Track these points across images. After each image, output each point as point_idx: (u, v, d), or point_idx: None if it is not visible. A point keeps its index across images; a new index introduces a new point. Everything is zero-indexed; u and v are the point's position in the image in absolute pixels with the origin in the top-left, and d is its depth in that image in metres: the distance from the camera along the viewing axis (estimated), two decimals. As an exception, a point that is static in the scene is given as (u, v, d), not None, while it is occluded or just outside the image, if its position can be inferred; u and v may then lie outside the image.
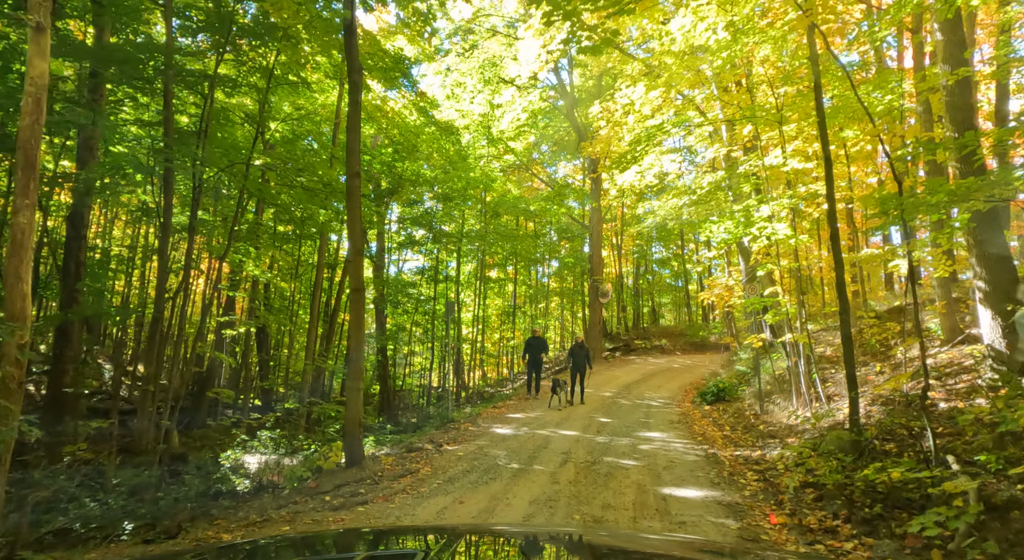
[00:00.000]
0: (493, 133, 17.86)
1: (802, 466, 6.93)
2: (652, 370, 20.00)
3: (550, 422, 11.26)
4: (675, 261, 30.70)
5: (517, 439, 9.64)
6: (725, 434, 9.91)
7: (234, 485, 9.64)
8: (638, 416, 11.91)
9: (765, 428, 9.74)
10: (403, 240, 22.79)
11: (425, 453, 8.66)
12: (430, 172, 17.98)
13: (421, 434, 10.71)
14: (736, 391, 13.34)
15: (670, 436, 9.83)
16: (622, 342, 26.83)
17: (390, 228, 26.50)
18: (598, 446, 8.91)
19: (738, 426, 10.45)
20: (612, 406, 13.23)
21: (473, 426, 11.10)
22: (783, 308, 9.11)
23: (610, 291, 22.49)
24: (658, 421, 11.34)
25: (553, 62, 13.63)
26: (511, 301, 26.88)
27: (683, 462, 7.80)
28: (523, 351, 13.98)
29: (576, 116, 21.72)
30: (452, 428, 10.96)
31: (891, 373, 9.65)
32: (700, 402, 13.55)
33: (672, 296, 33.32)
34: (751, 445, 8.74)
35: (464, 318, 28.05)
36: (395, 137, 15.72)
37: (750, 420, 10.69)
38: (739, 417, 11.20)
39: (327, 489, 6.96)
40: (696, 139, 10.92)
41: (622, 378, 18.01)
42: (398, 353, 26.42)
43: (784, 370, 12.35)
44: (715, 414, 12.14)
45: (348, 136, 7.29)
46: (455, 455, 8.49)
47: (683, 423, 11.10)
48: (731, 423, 10.85)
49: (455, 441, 9.69)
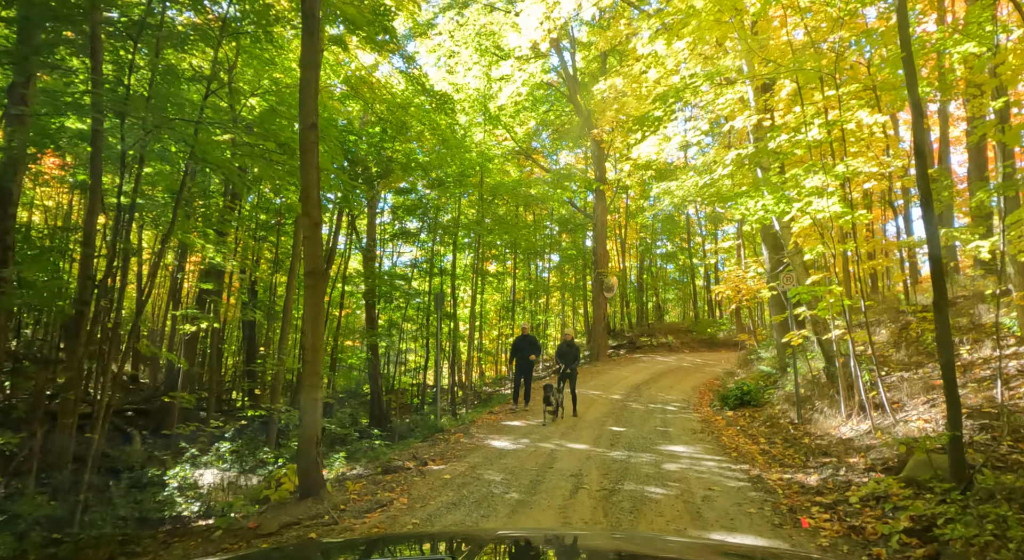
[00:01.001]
0: (490, 110, 16.11)
1: (886, 500, 5.26)
2: (661, 369, 18.33)
3: (554, 432, 9.57)
4: (681, 255, 28.98)
5: (516, 455, 7.95)
6: (763, 448, 8.23)
7: (179, 509, 7.97)
8: (654, 424, 10.24)
9: (811, 442, 8.05)
10: (396, 231, 21.10)
11: (404, 475, 6.97)
12: (423, 157, 16.27)
13: (404, 446, 9.02)
14: (762, 395, 11.66)
15: (697, 450, 8.16)
16: (627, 339, 25.16)
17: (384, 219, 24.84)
18: (615, 466, 7.23)
19: (775, 438, 8.77)
20: (623, 411, 11.56)
21: (465, 437, 9.41)
22: (836, 299, 7.41)
23: (615, 285, 20.81)
24: (679, 430, 9.67)
25: (556, 30, 11.89)
26: (510, 296, 25.17)
27: (724, 490, 6.12)
28: (510, 353, 11.59)
29: (579, 101, 20.00)
30: (440, 440, 9.28)
31: (962, 377, 7.97)
32: (721, 406, 11.88)
33: (677, 292, 31.61)
34: (801, 465, 7.06)
35: (461, 314, 26.36)
36: (383, 114, 14.01)
37: (788, 430, 9.00)
38: (774, 427, 9.51)
39: (270, 530, 5.27)
40: (724, 106, 9.18)
41: (630, 378, 16.34)
42: (392, 350, 24.79)
43: (819, 372, 10.66)
44: (742, 421, 10.47)
45: (303, 75, 5.61)
46: (440, 478, 6.80)
47: (708, 433, 9.42)
48: (765, 434, 9.17)
49: (442, 457, 8.00)
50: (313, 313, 5.77)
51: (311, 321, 5.77)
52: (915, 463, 5.68)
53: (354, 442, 9.88)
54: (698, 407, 12.22)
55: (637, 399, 13.11)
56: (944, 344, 5.23)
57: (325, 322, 19.26)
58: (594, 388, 14.75)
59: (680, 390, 14.44)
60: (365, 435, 11.54)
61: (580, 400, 12.95)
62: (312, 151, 5.67)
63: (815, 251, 7.79)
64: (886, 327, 11.66)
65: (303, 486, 5.76)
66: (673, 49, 8.19)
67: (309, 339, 5.79)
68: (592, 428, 9.85)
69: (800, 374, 11.38)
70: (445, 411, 21.67)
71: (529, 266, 27.69)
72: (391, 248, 26.05)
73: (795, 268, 10.14)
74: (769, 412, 10.46)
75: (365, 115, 15.38)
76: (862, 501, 5.41)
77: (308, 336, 5.79)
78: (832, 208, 7.48)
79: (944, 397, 7.38)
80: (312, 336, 5.77)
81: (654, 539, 2.68)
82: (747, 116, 9.49)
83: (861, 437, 7.37)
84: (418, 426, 10.21)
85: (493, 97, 16.03)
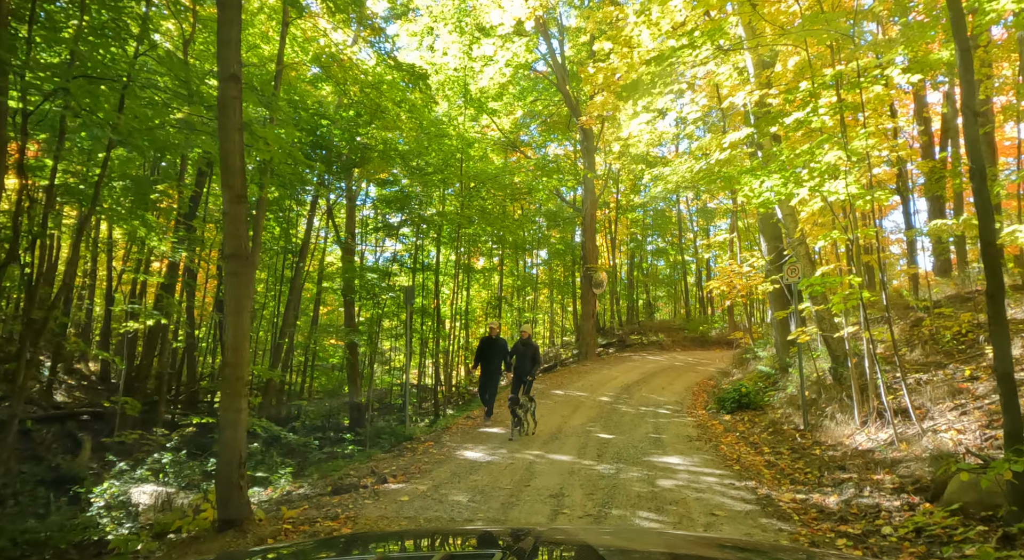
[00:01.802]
0: (471, 92, 15.00)
1: (930, 534, 4.25)
2: (652, 369, 17.33)
3: (534, 441, 8.52)
4: (672, 250, 28.01)
5: (489, 470, 6.90)
6: (768, 460, 7.22)
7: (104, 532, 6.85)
8: (646, 429, 9.22)
9: (823, 453, 7.06)
10: (377, 224, 19.97)
11: (355, 497, 5.89)
12: (402, 146, 15.15)
13: (365, 458, 7.92)
14: (762, 397, 10.68)
15: (695, 462, 7.14)
16: (616, 337, 24.17)
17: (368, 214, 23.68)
18: (602, 483, 6.19)
19: (781, 447, 7.77)
20: (612, 415, 10.54)
21: (436, 446, 8.34)
22: (854, 292, 6.41)
23: (604, 281, 19.80)
24: (672, 437, 8.65)
25: (542, 7, 10.82)
26: (496, 293, 24.11)
27: (730, 515, 5.09)
28: (475, 358, 9.65)
29: (568, 91, 18.95)
30: (408, 450, 8.19)
31: (990, 381, 7.01)
32: (718, 409, 10.89)
33: (668, 289, 30.67)
34: (815, 482, 6.05)
35: (446, 312, 25.25)
36: (355, 96, 12.87)
37: (794, 438, 8.01)
38: (777, 433, 8.52)
39: (173, 575, 4.18)
40: (724, 77, 8.16)
41: (620, 378, 15.32)
42: (375, 349, 23.64)
43: (825, 373, 9.70)
44: (741, 427, 9.47)
45: (220, 15, 4.50)
46: (397, 501, 5.73)
47: (705, 440, 8.41)
48: (769, 442, 8.17)
49: (405, 472, 6.92)
50: (236, 305, 4.68)
51: (233, 314, 4.69)
52: (959, 486, 4.68)
53: (313, 451, 8.81)
54: (692, 410, 11.23)
55: (627, 401, 12.10)
56: (1001, 345, 4.22)
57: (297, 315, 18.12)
58: (581, 389, 13.74)
59: (673, 391, 13.45)
60: (330, 442, 10.43)
61: (565, 403, 11.94)
62: (233, 108, 4.58)
63: (827, 237, 6.77)
64: (895, 324, 10.70)
65: (222, 516, 4.67)
66: (668, 7, 7.15)
67: (231, 336, 4.70)
68: (577, 435, 8.81)
69: (804, 375, 10.41)
70: (427, 413, 20.65)
71: (517, 262, 26.63)
72: (373, 243, 24.95)
73: (799, 259, 9.15)
74: (771, 417, 9.46)
75: (340, 100, 14.24)
76: (899, 534, 4.40)
77: (230, 333, 4.70)
78: (848, 189, 6.49)
79: (975, 404, 6.40)
80: (234, 333, 4.68)
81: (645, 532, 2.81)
82: (748, 92, 8.49)
83: (882, 449, 6.37)
84: (386, 432, 9.11)
85: (474, 76, 14.89)
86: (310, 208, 15.27)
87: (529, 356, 9.16)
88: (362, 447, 10.10)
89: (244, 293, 4.77)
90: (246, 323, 4.79)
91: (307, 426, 16.89)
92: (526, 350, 9.23)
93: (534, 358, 9.13)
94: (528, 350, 9.21)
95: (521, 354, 9.23)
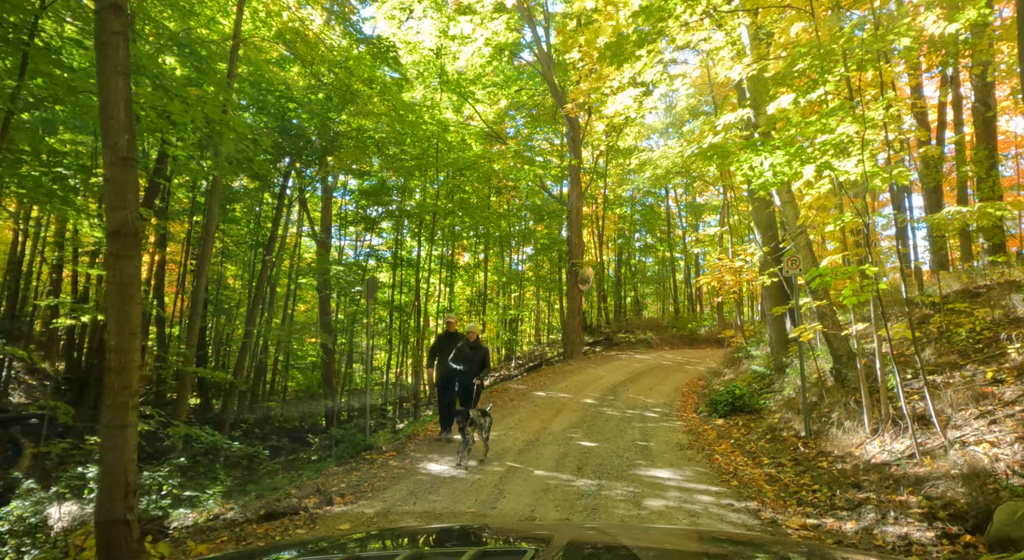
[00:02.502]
0: (448, 72, 13.99)
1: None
2: (639, 368, 16.45)
3: (509, 450, 7.59)
4: (660, 247, 27.17)
5: (452, 487, 5.94)
6: (769, 473, 6.34)
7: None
8: (633, 436, 8.32)
9: (830, 465, 6.18)
10: (354, 217, 18.96)
11: (288, 524, 4.92)
12: (378, 133, 14.14)
13: (314, 472, 6.92)
14: (757, 399, 9.82)
15: (687, 476, 6.24)
16: (603, 335, 23.31)
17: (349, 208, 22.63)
18: (580, 504, 5.27)
19: (782, 457, 6.89)
20: (596, 419, 9.62)
21: (397, 457, 7.37)
22: (869, 284, 5.53)
23: (591, 277, 18.90)
24: (661, 445, 7.76)
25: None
26: (480, 289, 23.16)
27: (731, 549, 4.16)
28: (430, 356, 7.95)
29: (555, 80, 18.00)
30: (365, 462, 7.21)
31: (1016, 381, 6.17)
32: (709, 413, 10.02)
33: (657, 286, 29.84)
34: (827, 503, 5.16)
35: (428, 308, 24.24)
36: (324, 76, 11.86)
37: (796, 447, 7.13)
38: (776, 441, 7.64)
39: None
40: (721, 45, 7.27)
41: (606, 378, 14.42)
42: (356, 348, 22.62)
43: (825, 373, 8.84)
44: (735, 432, 8.59)
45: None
46: (336, 528, 4.77)
47: (697, 449, 7.52)
48: (768, 451, 7.29)
49: (356, 490, 5.95)
50: (120, 295, 3.71)
51: (117, 306, 3.71)
52: (1009, 516, 3.80)
53: (263, 462, 7.80)
54: (682, 413, 10.35)
55: (613, 403, 11.20)
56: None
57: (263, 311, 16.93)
58: (565, 390, 12.82)
59: (661, 392, 12.58)
60: (287, 451, 9.42)
61: (547, 406, 11.00)
62: (115, 47, 3.61)
63: (838, 221, 5.87)
64: (896, 322, 9.88)
65: (104, 557, 3.68)
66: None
67: (114, 334, 3.71)
68: (557, 443, 7.89)
69: (799, 376, 9.56)
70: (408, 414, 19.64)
71: (503, 259, 25.67)
72: (354, 237, 23.91)
73: (799, 250, 8.29)
74: (768, 422, 8.59)
75: (309, 82, 13.21)
76: (943, 578, 3.51)
77: (113, 330, 3.72)
78: (863, 166, 5.60)
79: (1005, 411, 5.54)
80: (119, 331, 3.71)
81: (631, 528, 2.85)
82: (745, 66, 7.59)
83: (901, 463, 5.50)
84: (345, 441, 8.11)
85: (451, 55, 13.87)
86: (279, 198, 14.22)
87: (478, 360, 7.61)
88: (327, 456, 9.11)
89: (130, 280, 3.78)
90: (134, 318, 3.80)
91: (282, 429, 15.86)
92: (474, 354, 7.61)
93: (484, 363, 7.59)
94: (477, 354, 7.62)
95: (468, 359, 7.59)
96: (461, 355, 7.53)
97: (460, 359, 7.52)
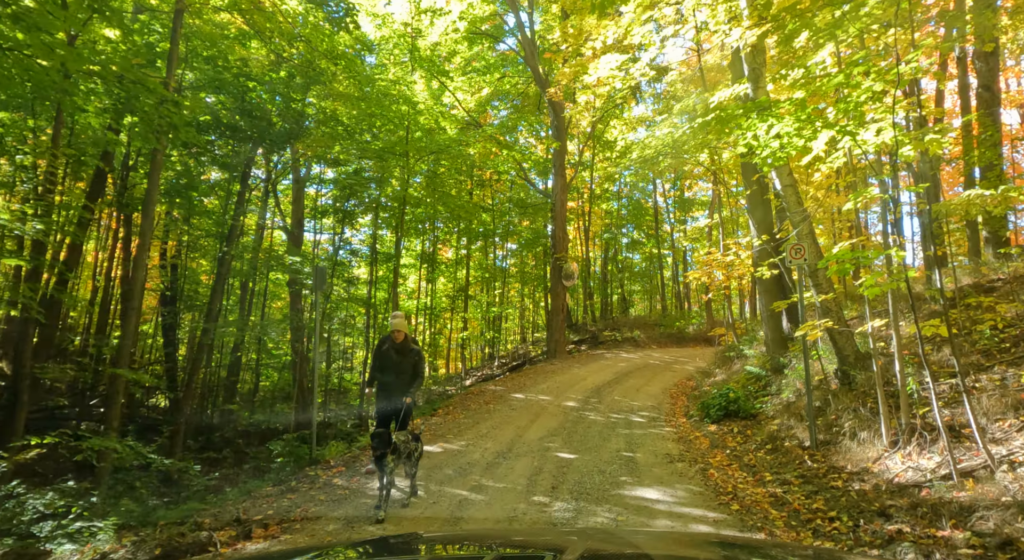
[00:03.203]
0: (420, 47, 12.89)
1: None
2: (626, 368, 15.51)
3: (477, 463, 6.58)
4: (648, 243, 26.26)
5: (403, 513, 4.91)
6: (773, 492, 5.39)
7: None
8: (617, 445, 7.36)
9: (845, 485, 5.24)
10: (328, 208, 17.82)
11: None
12: (345, 115, 13.05)
13: (240, 494, 5.85)
14: (753, 403, 8.90)
15: (679, 498, 5.27)
16: (589, 334, 22.36)
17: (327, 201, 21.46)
18: (550, 539, 4.26)
19: (787, 473, 5.95)
20: (577, 425, 8.65)
21: (345, 474, 6.34)
22: (897, 272, 4.59)
23: (575, 272, 17.94)
24: (649, 456, 6.80)
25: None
26: (463, 285, 22.13)
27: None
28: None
29: (539, 69, 17.00)
30: (307, 479, 6.16)
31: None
32: (701, 418, 9.10)
33: (644, 284, 28.95)
34: (849, 535, 4.21)
35: (408, 306, 23.18)
36: (284, 52, 10.76)
37: (802, 460, 6.20)
38: (778, 452, 6.71)
39: None
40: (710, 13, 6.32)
41: (590, 379, 13.47)
42: (335, 346, 21.48)
43: (830, 375, 7.92)
44: (731, 441, 7.66)
45: None
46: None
47: (689, 461, 6.57)
48: (770, 465, 6.35)
49: (284, 518, 4.91)
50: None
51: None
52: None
53: (195, 478, 6.69)
54: (671, 417, 9.42)
55: (596, 406, 10.24)
56: None
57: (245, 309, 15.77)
58: (546, 392, 11.85)
59: (648, 394, 11.65)
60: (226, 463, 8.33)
61: (524, 410, 9.98)
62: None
63: (860, 197, 4.93)
64: (903, 318, 9.01)
65: None
66: None
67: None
68: (532, 454, 6.90)
69: (799, 378, 8.66)
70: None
71: (487, 254, 24.63)
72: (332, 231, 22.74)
73: (802, 238, 7.36)
74: (768, 429, 7.66)
75: (270, 57, 12.09)
76: None
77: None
78: (889, 133, 4.67)
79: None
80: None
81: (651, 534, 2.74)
82: (744, 29, 6.65)
83: (935, 485, 4.57)
84: (285, 454, 7.05)
85: (422, 28, 12.78)
86: (241, 184, 13.08)
87: (408, 368, 5.45)
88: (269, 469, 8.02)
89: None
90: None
91: (248, 433, 14.70)
92: (402, 360, 5.47)
93: (416, 372, 5.47)
94: (406, 360, 5.47)
95: (394, 366, 5.47)
96: (386, 362, 5.50)
97: (384, 367, 5.51)
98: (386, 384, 5.45)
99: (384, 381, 5.47)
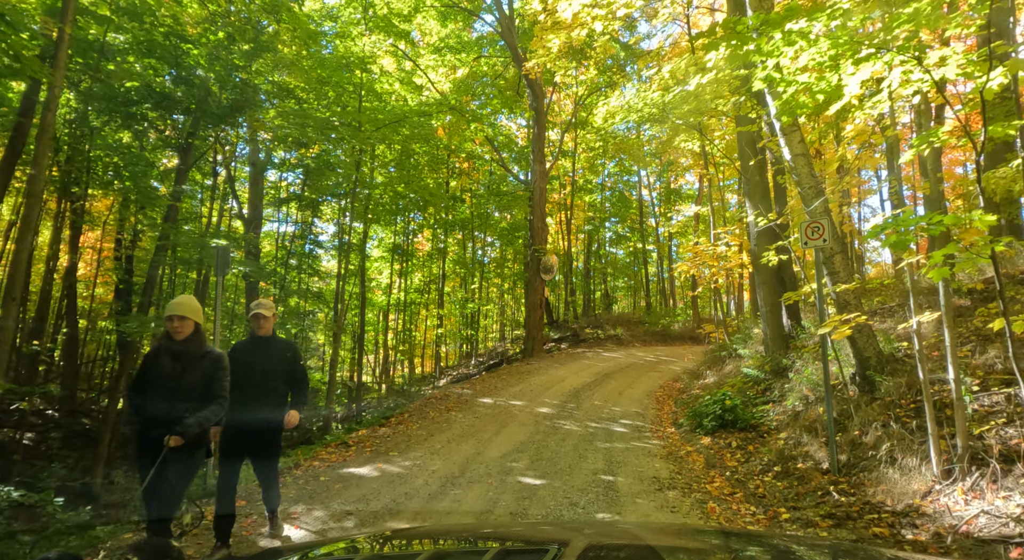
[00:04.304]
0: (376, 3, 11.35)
1: None
2: (607, 368, 14.17)
3: (418, 492, 5.16)
4: (632, 237, 24.98)
5: None
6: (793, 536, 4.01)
7: None
8: (594, 465, 5.98)
9: (893, 532, 3.90)
10: (288, 195, 16.25)
11: None
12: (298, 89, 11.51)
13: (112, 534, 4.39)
14: (752, 411, 7.57)
15: (672, 548, 3.86)
16: (570, 331, 21.01)
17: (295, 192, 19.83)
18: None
19: (807, 508, 4.61)
20: (549, 437, 7.26)
21: (295, 484, 4.86)
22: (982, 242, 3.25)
23: (555, 265, 16.56)
24: (633, 481, 5.43)
25: None
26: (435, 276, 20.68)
27: None
28: None
29: (518, 48, 15.59)
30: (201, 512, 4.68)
31: None
32: (692, 428, 7.77)
33: (627, 280, 27.68)
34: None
35: (379, 300, 21.66)
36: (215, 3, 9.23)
37: (824, 490, 4.86)
38: (791, 477, 5.37)
39: None
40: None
41: (569, 380, 12.10)
42: (308, 343, 19.92)
43: (844, 381, 6.60)
44: (730, 459, 6.32)
45: None
46: None
47: (682, 489, 5.21)
48: (783, 495, 5.01)
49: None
50: None
51: None
52: None
53: (56, 512, 5.17)
54: (658, 426, 8.09)
55: (573, 413, 8.86)
56: None
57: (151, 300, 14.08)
58: (518, 396, 10.45)
59: (632, 397, 10.31)
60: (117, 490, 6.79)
61: (490, 419, 8.52)
62: None
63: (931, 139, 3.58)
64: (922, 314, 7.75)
65: None
66: None
67: None
68: (488, 479, 5.49)
69: (807, 383, 7.36)
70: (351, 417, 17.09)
71: (465, 248, 23.16)
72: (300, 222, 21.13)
73: (818, 216, 6.04)
74: (773, 445, 6.32)
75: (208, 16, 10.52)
76: None
77: None
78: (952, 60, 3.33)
79: None
80: None
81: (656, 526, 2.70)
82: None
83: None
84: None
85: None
86: (180, 159, 11.47)
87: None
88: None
89: None
90: None
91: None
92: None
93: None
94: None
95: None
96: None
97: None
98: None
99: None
